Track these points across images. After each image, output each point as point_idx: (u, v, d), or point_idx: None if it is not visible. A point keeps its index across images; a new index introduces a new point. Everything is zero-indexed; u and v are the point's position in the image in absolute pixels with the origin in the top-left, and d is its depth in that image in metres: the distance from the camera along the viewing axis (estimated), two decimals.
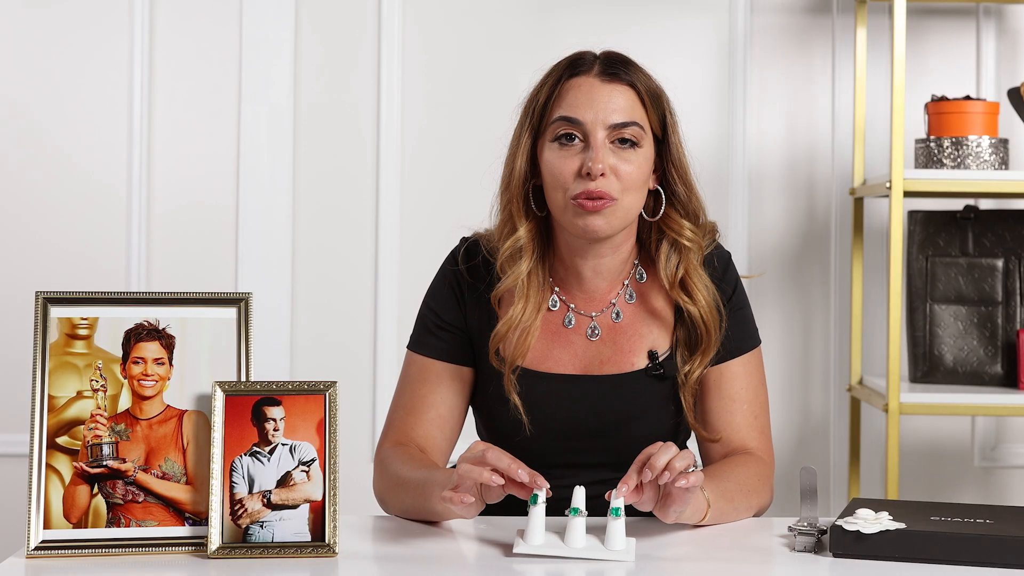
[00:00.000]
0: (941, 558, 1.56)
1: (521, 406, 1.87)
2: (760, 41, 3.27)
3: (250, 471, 1.61)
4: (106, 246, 3.21)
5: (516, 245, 1.87)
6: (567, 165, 1.82)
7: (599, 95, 1.83)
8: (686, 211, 1.90)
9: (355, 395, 3.22)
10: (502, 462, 1.60)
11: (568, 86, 1.85)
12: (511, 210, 1.88)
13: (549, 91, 1.86)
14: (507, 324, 1.86)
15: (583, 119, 1.82)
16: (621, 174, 1.81)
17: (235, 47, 3.23)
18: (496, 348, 1.87)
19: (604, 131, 1.81)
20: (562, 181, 1.82)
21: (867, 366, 3.21)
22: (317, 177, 3.25)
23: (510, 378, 1.86)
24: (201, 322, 1.67)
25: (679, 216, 1.89)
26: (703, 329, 1.88)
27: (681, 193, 1.89)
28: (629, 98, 1.84)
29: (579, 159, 1.82)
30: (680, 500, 1.64)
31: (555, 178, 1.83)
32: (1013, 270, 2.97)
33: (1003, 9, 3.28)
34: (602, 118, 1.82)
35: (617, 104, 1.83)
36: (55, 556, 1.58)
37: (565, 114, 1.83)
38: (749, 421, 1.92)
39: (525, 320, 1.87)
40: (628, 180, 1.82)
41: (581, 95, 1.83)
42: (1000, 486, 3.31)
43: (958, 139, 2.87)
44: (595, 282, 1.91)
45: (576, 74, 1.85)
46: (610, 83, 1.84)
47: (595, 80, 1.84)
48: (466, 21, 3.26)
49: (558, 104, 1.84)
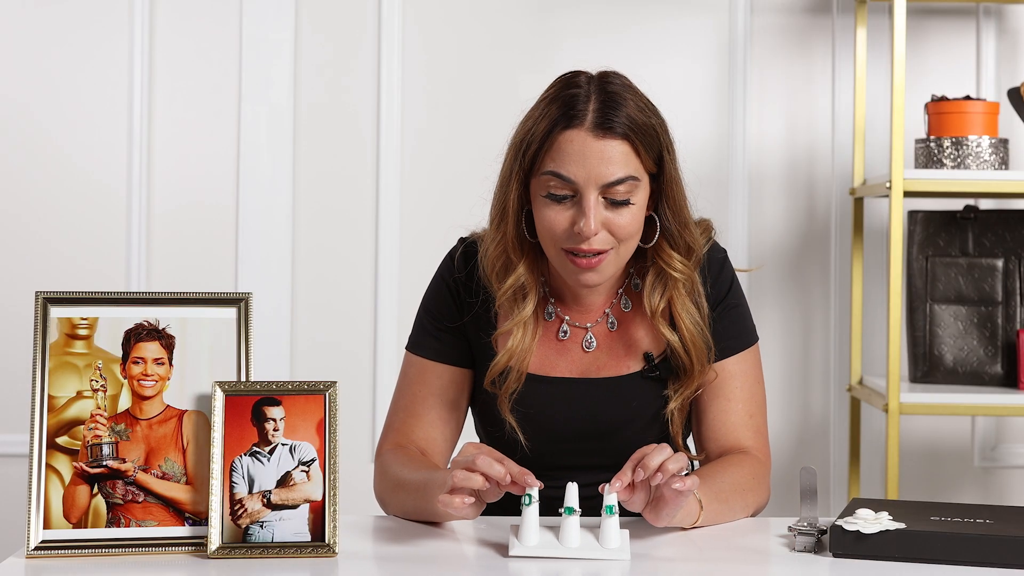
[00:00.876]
0: (941, 558, 1.56)
1: (516, 424, 1.87)
2: (760, 41, 3.27)
3: (250, 471, 1.61)
4: (106, 246, 3.21)
5: (518, 283, 1.86)
6: (559, 220, 1.79)
7: (591, 152, 1.77)
8: (676, 244, 1.87)
9: (355, 395, 3.22)
10: (493, 469, 1.60)
11: (561, 140, 1.78)
12: (506, 247, 1.86)
13: (540, 141, 1.79)
14: (507, 355, 1.85)
15: (575, 179, 1.77)
16: (615, 228, 1.79)
17: (235, 47, 3.23)
18: (492, 379, 1.87)
19: (596, 190, 1.77)
20: (554, 235, 1.80)
21: (867, 366, 3.21)
22: (317, 177, 3.26)
23: (505, 402, 1.87)
24: (201, 322, 1.67)
25: (670, 248, 1.86)
26: (686, 360, 1.86)
27: (673, 229, 1.85)
28: (623, 152, 1.78)
29: (571, 215, 1.78)
30: (672, 503, 1.63)
31: (547, 231, 1.80)
32: (1013, 270, 2.97)
33: (1003, 9, 3.28)
34: (594, 177, 1.76)
35: (610, 161, 1.77)
36: (55, 556, 1.58)
37: (557, 171, 1.78)
38: (744, 420, 1.91)
39: (524, 348, 1.87)
40: (622, 233, 1.79)
41: (573, 152, 1.77)
42: (1000, 486, 3.31)
43: (958, 139, 2.87)
44: (590, 297, 1.91)
45: (569, 126, 1.78)
46: (603, 139, 1.77)
47: (587, 136, 1.77)
48: (466, 21, 3.26)
49: (549, 157, 1.79)
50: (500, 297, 1.87)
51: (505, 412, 1.87)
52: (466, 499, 1.60)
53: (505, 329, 1.86)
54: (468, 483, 1.60)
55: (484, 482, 1.59)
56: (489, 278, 1.88)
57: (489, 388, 1.88)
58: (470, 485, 1.60)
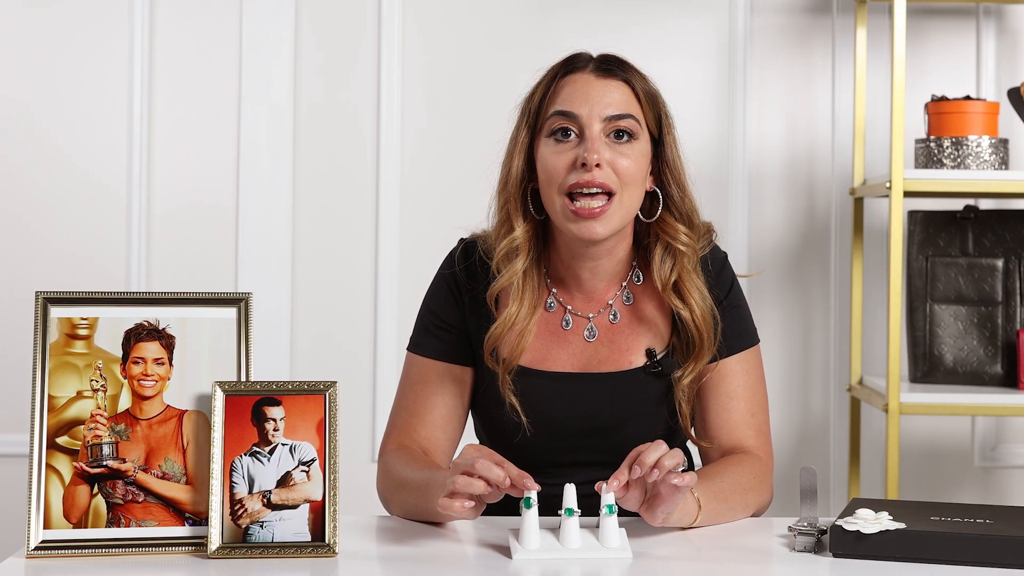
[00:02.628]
0: (941, 558, 1.56)
1: (519, 406, 1.87)
2: (760, 41, 3.27)
3: (250, 471, 1.61)
4: (106, 246, 3.21)
5: (512, 245, 1.87)
6: (562, 159, 1.82)
7: (594, 89, 1.84)
8: (680, 213, 1.89)
9: (355, 395, 3.22)
10: (492, 473, 1.60)
11: (564, 83, 1.86)
12: (508, 210, 1.88)
13: (545, 89, 1.87)
14: (502, 324, 1.86)
15: (578, 112, 1.82)
16: (619, 168, 1.82)
17: (235, 47, 3.23)
18: (492, 349, 1.87)
19: (600, 123, 1.82)
20: (557, 175, 1.82)
21: (867, 366, 3.21)
22: (317, 177, 3.26)
23: (506, 379, 1.87)
24: (201, 322, 1.67)
25: (674, 220, 1.89)
26: (696, 334, 1.88)
27: (675, 195, 1.89)
28: (624, 93, 1.85)
29: (574, 153, 1.82)
30: (669, 500, 1.63)
31: (550, 173, 1.83)
32: (1013, 270, 2.97)
33: (1003, 9, 3.29)
34: (598, 111, 1.82)
35: (612, 98, 1.84)
36: (55, 556, 1.58)
37: (560, 108, 1.84)
38: (746, 419, 1.92)
39: (520, 320, 1.86)
40: (626, 175, 1.82)
41: (576, 90, 1.84)
42: (1000, 486, 3.31)
43: (958, 139, 2.87)
44: (592, 283, 1.91)
45: (572, 71, 1.87)
46: (605, 78, 1.85)
47: (590, 76, 1.86)
48: (466, 21, 3.26)
49: (553, 100, 1.85)
50: (497, 255, 1.87)
51: (506, 391, 1.87)
52: (465, 503, 1.61)
53: (499, 286, 1.87)
54: (468, 489, 1.60)
55: (485, 487, 1.60)
56: (493, 246, 1.89)
57: (489, 364, 1.88)
58: (470, 491, 1.60)
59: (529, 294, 1.88)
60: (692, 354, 1.88)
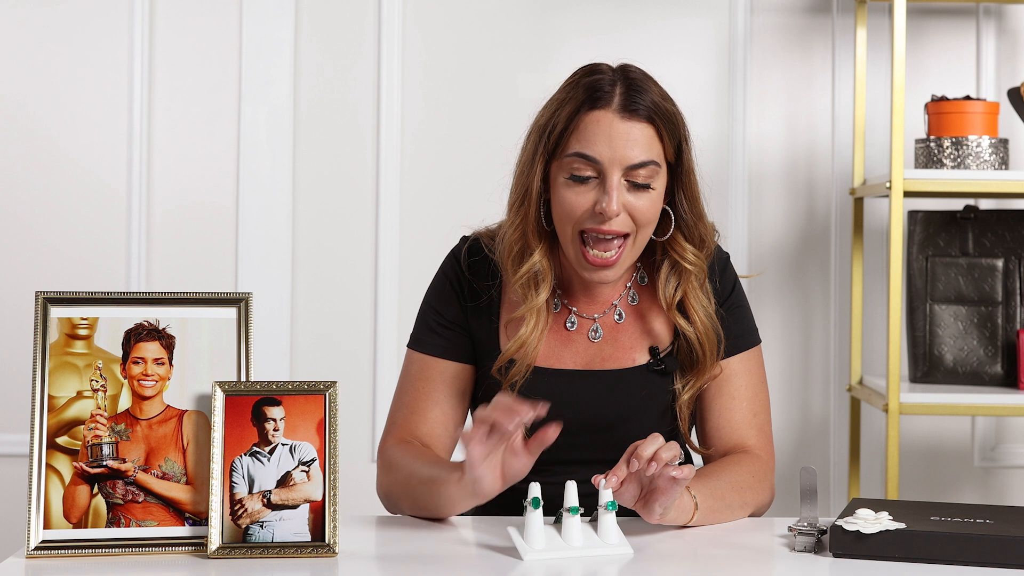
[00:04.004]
0: (941, 558, 1.56)
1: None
2: (760, 41, 3.27)
3: (250, 471, 1.61)
4: (106, 246, 3.21)
5: (533, 270, 1.86)
6: (580, 201, 1.81)
7: (617, 133, 1.79)
8: (691, 235, 1.89)
9: (355, 395, 3.22)
10: (511, 410, 1.60)
11: (587, 120, 1.80)
12: (525, 231, 1.87)
13: (566, 121, 1.82)
14: (518, 343, 1.86)
15: (600, 158, 1.79)
16: (635, 212, 1.81)
17: (235, 47, 3.23)
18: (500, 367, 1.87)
19: (620, 171, 1.79)
20: (573, 215, 1.81)
21: (867, 366, 3.21)
22: (317, 177, 3.26)
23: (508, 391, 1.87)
24: (201, 322, 1.67)
25: (684, 239, 1.89)
26: (699, 350, 1.88)
27: (688, 219, 1.88)
28: (647, 135, 1.81)
29: (593, 196, 1.80)
30: (666, 494, 1.63)
31: (567, 211, 1.82)
32: (1013, 270, 2.97)
33: (1003, 9, 3.29)
34: (619, 158, 1.79)
35: (636, 143, 1.80)
36: (55, 556, 1.58)
37: (583, 151, 1.80)
38: (747, 419, 1.92)
39: (533, 339, 1.87)
40: (642, 218, 1.82)
41: (600, 132, 1.79)
42: (1000, 486, 3.31)
43: (958, 139, 2.87)
44: (598, 289, 1.92)
45: (595, 106, 1.81)
46: (629, 120, 1.80)
47: (614, 117, 1.80)
48: (466, 21, 3.26)
49: (575, 138, 1.81)
50: (515, 282, 1.87)
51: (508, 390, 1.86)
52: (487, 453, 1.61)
53: (518, 315, 1.87)
54: (491, 416, 1.60)
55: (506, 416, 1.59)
56: (504, 264, 1.89)
57: (496, 375, 1.88)
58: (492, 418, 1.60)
59: (544, 314, 1.88)
60: (694, 369, 1.89)
